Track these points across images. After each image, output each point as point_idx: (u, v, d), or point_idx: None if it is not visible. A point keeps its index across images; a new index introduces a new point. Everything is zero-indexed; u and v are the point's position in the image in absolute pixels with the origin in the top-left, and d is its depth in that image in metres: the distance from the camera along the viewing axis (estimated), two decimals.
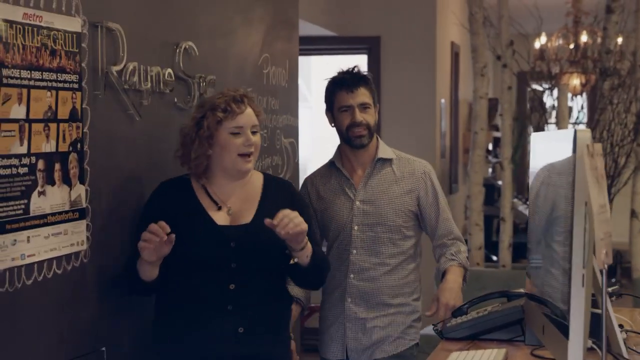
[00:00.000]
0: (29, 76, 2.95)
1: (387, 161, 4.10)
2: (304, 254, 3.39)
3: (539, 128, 7.62)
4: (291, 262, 3.41)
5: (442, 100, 9.04)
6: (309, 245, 3.40)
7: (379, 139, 4.20)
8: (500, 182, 8.42)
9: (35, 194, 2.99)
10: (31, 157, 2.97)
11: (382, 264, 3.99)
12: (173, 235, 3.13)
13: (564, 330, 2.40)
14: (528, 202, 4.04)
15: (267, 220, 3.24)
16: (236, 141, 3.32)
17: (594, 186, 2.26)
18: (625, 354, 2.67)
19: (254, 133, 3.38)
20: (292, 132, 5.42)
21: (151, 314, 3.52)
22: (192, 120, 3.39)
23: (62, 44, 3.12)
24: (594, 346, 2.60)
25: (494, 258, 8.37)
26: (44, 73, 3.02)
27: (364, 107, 4.01)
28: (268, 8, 4.98)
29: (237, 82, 4.50)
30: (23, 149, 2.92)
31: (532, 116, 7.74)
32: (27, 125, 2.94)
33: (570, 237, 2.34)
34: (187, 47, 3.97)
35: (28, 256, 2.95)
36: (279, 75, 5.15)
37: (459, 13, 8.15)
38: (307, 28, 8.15)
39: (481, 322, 3.32)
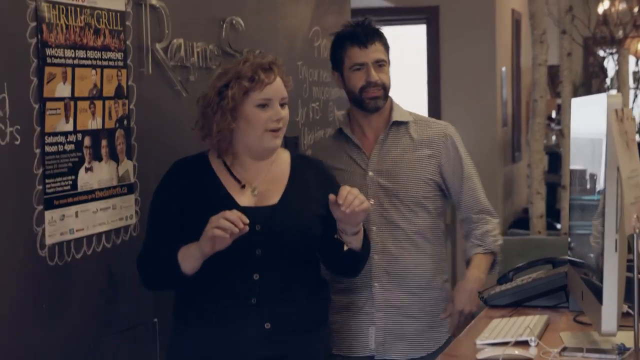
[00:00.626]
0: (73, 55, 2.98)
1: (403, 124, 3.65)
2: (359, 238, 3.08)
3: (600, 92, 7.58)
4: (345, 248, 3.04)
5: (503, 69, 9.01)
6: (362, 227, 3.10)
7: (393, 100, 3.72)
8: (561, 149, 8.37)
9: (82, 170, 3.03)
10: (77, 134, 3.01)
11: (408, 240, 3.54)
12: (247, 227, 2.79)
13: (599, 295, 2.40)
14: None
15: (332, 196, 2.92)
16: (263, 115, 2.96)
17: (624, 151, 2.24)
18: None
19: (282, 106, 3.04)
20: (344, 103, 5.38)
21: None
22: (212, 89, 3.02)
23: (105, 22, 3.15)
24: (630, 311, 2.60)
25: (558, 226, 8.31)
26: (88, 52, 3.06)
27: (379, 64, 3.55)
28: None
29: (287, 55, 4.54)
30: (69, 127, 2.97)
31: (593, 82, 7.67)
32: (72, 103, 2.98)
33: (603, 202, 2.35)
34: (234, 22, 3.99)
35: (77, 230, 3.00)
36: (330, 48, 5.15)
37: None
38: (366, 0, 8.19)
39: (524, 290, 3.26)
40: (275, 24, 4.48)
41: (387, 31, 9.98)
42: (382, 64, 3.55)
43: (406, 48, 9.79)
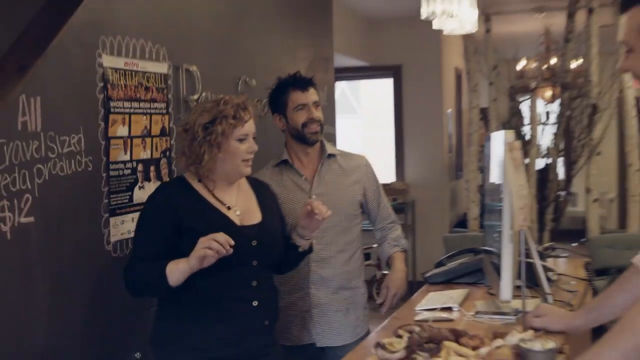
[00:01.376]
0: (129, 106, 3.04)
1: (333, 157, 3.40)
2: (310, 241, 2.97)
3: (517, 129, 7.63)
4: (300, 250, 2.94)
5: (449, 110, 9.09)
6: None
7: (323, 139, 3.46)
8: None
9: (136, 188, 3.09)
10: (133, 162, 3.07)
11: (341, 251, 3.32)
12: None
13: (499, 273, 2.46)
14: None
15: (308, 207, 2.81)
16: (242, 147, 2.70)
17: (513, 171, 2.31)
18: (547, 290, 2.69)
19: (254, 139, 2.78)
20: (331, 138, 5.36)
21: None
22: (197, 126, 2.68)
23: (153, 82, 3.20)
24: (529, 285, 2.70)
25: None
26: (140, 103, 3.11)
27: (316, 105, 3.32)
28: (309, 49, 5.01)
29: None
30: (127, 157, 3.03)
31: (513, 120, 7.74)
32: (129, 140, 3.04)
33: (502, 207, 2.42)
34: (246, 80, 4.01)
35: (132, 232, 2.99)
36: (319, 98, 5.19)
37: (459, 46, 8.18)
38: (347, 61, 8.27)
39: (454, 271, 3.28)
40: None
41: (364, 83, 10.06)
42: (318, 105, 3.34)
43: (378, 96, 9.89)
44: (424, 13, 3.24)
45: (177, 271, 2.59)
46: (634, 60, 1.84)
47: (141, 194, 3.12)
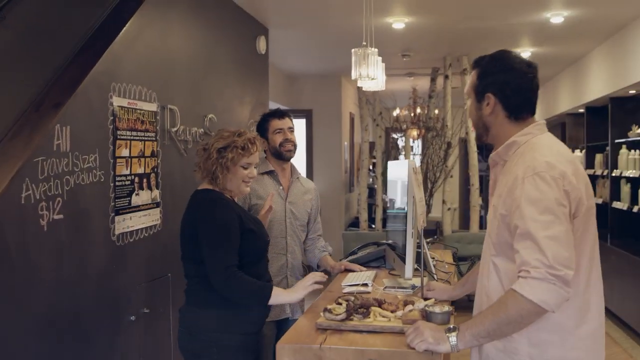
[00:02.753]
0: (130, 134, 3.03)
1: (297, 177, 3.25)
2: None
3: (395, 158, 7.84)
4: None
5: (345, 143, 9.21)
6: None
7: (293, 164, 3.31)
8: (375, 186, 8.57)
9: (134, 195, 3.07)
10: (131, 176, 3.06)
11: (299, 245, 3.18)
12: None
13: (404, 259, 2.53)
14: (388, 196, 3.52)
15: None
16: (244, 172, 2.48)
17: (417, 188, 2.40)
18: (433, 271, 2.82)
19: (255, 167, 2.59)
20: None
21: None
22: (213, 148, 2.46)
23: (147, 117, 3.19)
24: (418, 267, 2.79)
25: (373, 226, 8.49)
26: (137, 132, 3.10)
27: (291, 130, 3.18)
28: (252, 96, 5.03)
29: None
30: (127, 171, 3.02)
31: (392, 151, 7.92)
32: (130, 159, 3.03)
33: (406, 214, 2.51)
34: (211, 117, 4.02)
35: (130, 227, 3.04)
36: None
37: (354, 96, 8.33)
38: (274, 105, 8.31)
39: (364, 257, 3.25)
40: (231, 117, 4.49)
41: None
42: (292, 130, 3.20)
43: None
44: (354, 75, 3.31)
45: (279, 297, 2.35)
46: (469, 109, 2.01)
47: (137, 199, 3.11)
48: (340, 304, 2.09)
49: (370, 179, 10.39)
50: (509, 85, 1.89)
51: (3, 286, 2.20)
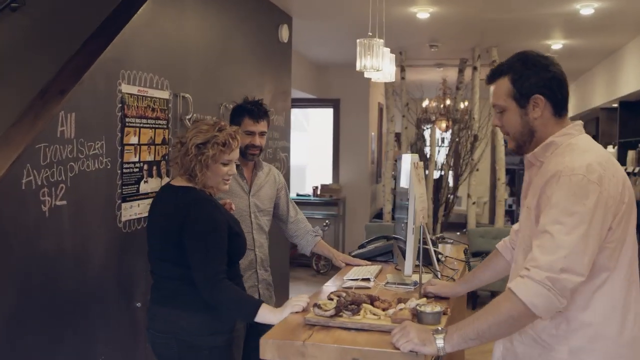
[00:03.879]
0: (140, 122, 3.03)
1: (260, 168, 3.09)
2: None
3: (421, 149, 7.73)
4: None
5: (372, 134, 9.14)
6: None
7: None
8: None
9: (142, 182, 3.07)
10: (140, 163, 3.06)
11: (265, 238, 3.09)
12: None
13: (404, 255, 2.49)
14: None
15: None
16: (224, 169, 2.34)
17: (417, 183, 2.33)
18: (437, 268, 2.71)
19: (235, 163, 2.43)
20: (286, 150, 5.44)
21: None
22: (191, 144, 2.30)
23: (158, 104, 3.19)
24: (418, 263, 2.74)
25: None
26: (148, 120, 3.10)
27: (262, 134, 3.00)
28: (273, 84, 5.00)
29: None
30: (136, 159, 3.02)
31: (418, 142, 7.82)
32: (139, 147, 3.03)
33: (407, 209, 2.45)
34: (226, 105, 3.97)
35: (138, 214, 3.04)
36: (279, 120, 5.19)
37: (382, 87, 8.24)
38: (301, 94, 8.28)
39: (372, 252, 3.18)
40: None
41: (310, 111, 10.00)
42: (263, 134, 3.01)
43: (322, 120, 9.92)
44: (358, 66, 3.23)
45: (266, 316, 2.14)
46: (505, 120, 1.87)
47: (145, 187, 3.11)
48: (332, 299, 2.06)
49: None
50: (554, 82, 1.81)
51: (2, 270, 2.23)
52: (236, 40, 4.31)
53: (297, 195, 9.12)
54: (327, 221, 8.58)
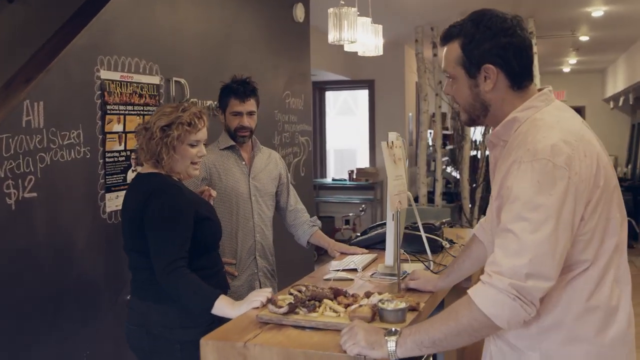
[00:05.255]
0: (125, 109, 2.94)
1: (260, 149, 3.01)
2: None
3: (455, 128, 7.42)
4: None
5: (410, 114, 8.91)
6: None
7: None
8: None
9: (129, 171, 2.98)
10: (127, 152, 2.96)
11: (268, 223, 2.98)
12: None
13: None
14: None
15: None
16: (193, 151, 2.25)
17: (392, 165, 2.13)
18: (430, 257, 2.51)
19: (204, 145, 2.32)
20: (307, 134, 5.29)
21: None
22: (155, 127, 2.21)
23: (146, 90, 3.08)
24: (406, 252, 2.55)
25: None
26: (135, 107, 3.00)
27: (250, 114, 2.89)
28: (288, 66, 4.83)
29: (269, 107, 4.49)
30: (122, 147, 2.93)
31: (453, 122, 7.53)
32: (124, 135, 2.94)
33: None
34: None
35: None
36: (297, 103, 5.03)
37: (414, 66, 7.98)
38: (333, 76, 8.11)
39: (371, 239, 2.97)
40: (261, 89, 4.36)
41: (344, 94, 9.83)
42: (252, 114, 2.89)
43: (356, 103, 9.74)
44: (330, 38, 2.99)
45: (223, 309, 2.00)
46: (455, 90, 1.63)
47: (133, 176, 2.99)
48: (292, 294, 1.90)
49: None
50: (510, 49, 1.54)
51: None
52: (243, 22, 4.16)
53: (333, 180, 8.96)
54: (363, 206, 8.40)
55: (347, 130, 9.78)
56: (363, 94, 9.20)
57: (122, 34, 2.94)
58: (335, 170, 9.73)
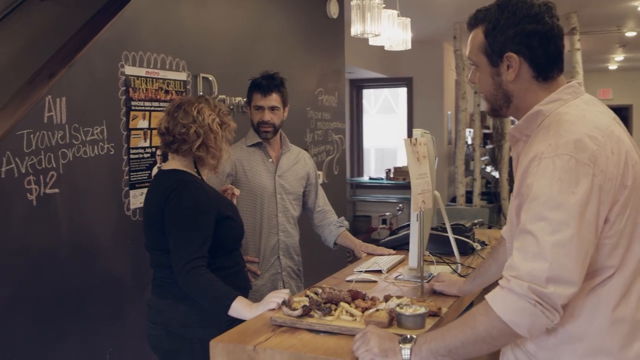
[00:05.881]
0: (150, 105, 2.92)
1: (289, 148, 2.94)
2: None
3: (496, 127, 7.24)
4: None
5: (449, 112, 8.74)
6: None
7: (282, 133, 2.95)
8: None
9: (155, 168, 2.95)
10: (152, 148, 2.94)
11: (293, 222, 2.91)
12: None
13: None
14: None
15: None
16: (227, 149, 2.25)
17: (415, 163, 2.03)
18: (458, 259, 2.41)
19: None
20: (340, 131, 5.17)
21: None
22: (213, 123, 2.18)
23: (172, 86, 3.06)
24: (432, 254, 2.45)
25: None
26: (160, 103, 2.97)
27: (272, 109, 2.81)
28: (321, 64, 4.75)
29: (299, 104, 4.43)
30: (147, 144, 2.91)
31: (492, 120, 7.34)
32: (149, 131, 2.92)
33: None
34: None
35: None
36: (330, 100, 4.96)
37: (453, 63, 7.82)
38: (370, 74, 8.02)
39: (399, 239, 2.84)
40: (293, 86, 4.30)
41: (382, 91, 9.73)
42: (274, 109, 2.82)
43: (397, 102, 9.60)
44: (353, 31, 2.90)
45: (240, 311, 1.94)
46: (479, 78, 1.53)
47: None
48: (308, 296, 1.83)
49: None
50: (535, 37, 1.44)
51: None
52: (274, 18, 4.11)
53: (370, 179, 8.86)
54: (400, 205, 8.27)
55: (388, 128, 9.67)
56: (404, 93, 9.10)
57: (147, 30, 2.91)
58: (376, 169, 9.62)
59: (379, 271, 2.41)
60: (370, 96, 9.52)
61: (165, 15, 3.05)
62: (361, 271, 2.37)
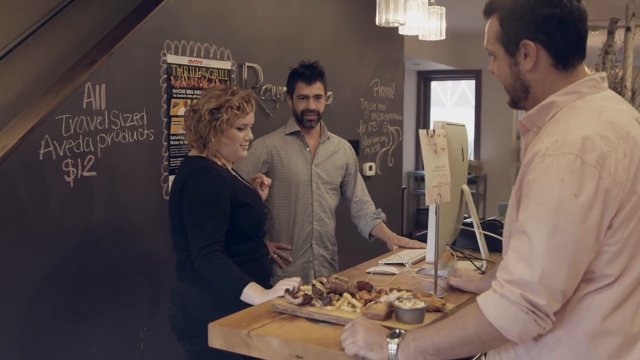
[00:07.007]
0: (192, 93, 2.97)
1: (327, 138, 2.92)
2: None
3: None
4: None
5: None
6: None
7: (322, 122, 2.92)
8: None
9: None
10: None
11: (329, 212, 2.89)
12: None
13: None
14: None
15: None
16: (240, 135, 2.23)
17: (431, 155, 1.95)
18: (484, 256, 2.30)
19: (251, 128, 2.29)
20: (397, 123, 5.10)
21: None
22: (205, 110, 2.18)
23: (216, 75, 3.11)
24: (453, 249, 2.37)
25: None
26: (202, 91, 3.02)
27: (317, 97, 2.81)
28: (377, 55, 4.71)
29: (353, 95, 4.41)
30: None
31: None
32: None
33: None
34: None
35: None
36: (386, 91, 4.89)
37: None
38: (436, 65, 7.87)
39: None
40: (345, 77, 4.30)
41: (459, 84, 9.47)
42: (319, 97, 2.81)
43: (463, 94, 9.36)
44: (377, 21, 2.83)
45: (252, 297, 1.96)
46: (497, 69, 1.46)
47: None
48: (313, 285, 1.83)
49: None
50: (553, 21, 1.35)
51: (21, 238, 2.28)
52: (326, 8, 4.10)
53: None
54: None
55: (464, 122, 9.44)
56: (468, 85, 8.87)
57: (191, 19, 2.98)
58: None
59: (403, 264, 2.38)
60: (446, 89, 9.33)
61: (210, 4, 3.10)
62: (381, 263, 2.34)
